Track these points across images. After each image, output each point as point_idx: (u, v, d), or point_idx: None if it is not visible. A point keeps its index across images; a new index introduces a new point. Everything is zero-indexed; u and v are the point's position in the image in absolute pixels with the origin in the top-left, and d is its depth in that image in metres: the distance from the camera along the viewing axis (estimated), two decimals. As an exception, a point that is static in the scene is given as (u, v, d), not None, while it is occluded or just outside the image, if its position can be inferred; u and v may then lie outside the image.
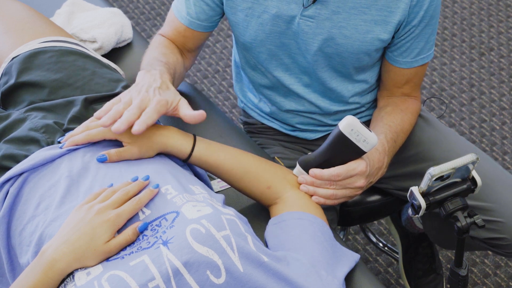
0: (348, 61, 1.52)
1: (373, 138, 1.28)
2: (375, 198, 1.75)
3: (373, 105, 1.69)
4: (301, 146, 1.74)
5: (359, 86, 1.61)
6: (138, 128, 1.20)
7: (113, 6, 1.97)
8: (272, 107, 1.68)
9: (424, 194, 1.24)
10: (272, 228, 1.29)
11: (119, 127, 1.20)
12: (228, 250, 1.10)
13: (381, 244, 2.20)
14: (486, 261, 2.22)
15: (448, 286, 1.51)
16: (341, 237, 2.04)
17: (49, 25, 1.58)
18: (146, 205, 1.16)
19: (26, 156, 1.28)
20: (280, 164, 1.43)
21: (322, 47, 1.49)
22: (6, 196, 1.25)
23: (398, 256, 2.05)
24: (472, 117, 2.65)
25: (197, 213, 1.13)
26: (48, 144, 1.30)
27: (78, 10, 1.86)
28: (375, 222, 2.31)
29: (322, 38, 1.47)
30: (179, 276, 1.07)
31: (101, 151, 1.26)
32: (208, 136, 1.42)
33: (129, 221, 1.14)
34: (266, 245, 1.27)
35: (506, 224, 1.53)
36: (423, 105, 1.75)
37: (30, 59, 1.45)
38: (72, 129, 1.32)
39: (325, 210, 1.35)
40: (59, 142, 1.30)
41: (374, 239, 2.21)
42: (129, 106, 1.23)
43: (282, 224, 1.28)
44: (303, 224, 1.26)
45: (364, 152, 1.30)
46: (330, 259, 1.21)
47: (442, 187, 1.25)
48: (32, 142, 1.31)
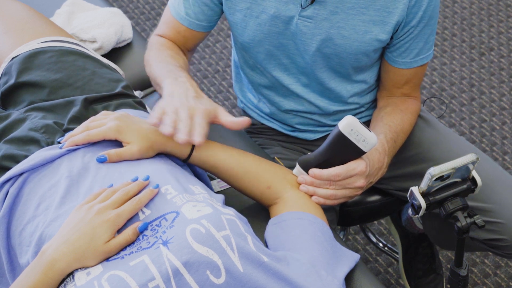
0: (346, 62, 1.52)
1: (373, 138, 1.28)
2: (375, 198, 1.75)
3: (373, 105, 1.69)
4: (300, 146, 1.74)
5: (358, 86, 1.61)
6: (200, 140, 1.22)
7: (113, 6, 1.97)
8: (272, 108, 1.68)
9: (424, 194, 1.24)
10: (272, 228, 1.29)
11: (182, 138, 1.22)
12: (228, 250, 1.10)
13: (381, 244, 2.20)
14: (486, 261, 2.22)
15: (448, 286, 1.51)
16: (341, 237, 2.04)
17: (49, 25, 1.58)
18: (146, 205, 1.16)
19: (26, 156, 1.28)
20: (280, 164, 1.43)
21: (321, 47, 1.49)
22: (6, 196, 1.25)
23: (398, 256, 2.05)
24: (472, 117, 2.65)
25: (197, 213, 1.13)
26: (48, 144, 1.30)
27: (78, 10, 1.86)
28: (375, 222, 2.31)
29: (320, 38, 1.47)
30: (179, 276, 1.07)
31: (101, 151, 1.26)
32: (208, 136, 1.42)
33: (129, 221, 1.14)
34: (266, 245, 1.27)
35: (506, 225, 1.53)
36: (423, 105, 1.75)
37: (30, 59, 1.45)
38: (72, 129, 1.32)
39: (325, 210, 1.35)
40: (59, 142, 1.30)
41: (374, 239, 2.21)
42: (177, 116, 1.24)
43: (282, 224, 1.28)
44: (303, 224, 1.26)
45: (364, 152, 1.30)
46: (330, 259, 1.21)
47: (442, 187, 1.25)
48: (32, 142, 1.31)
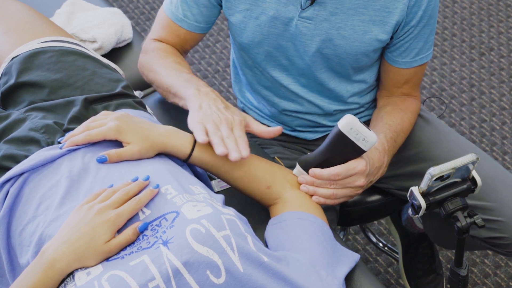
0: (346, 62, 1.52)
1: (373, 136, 1.28)
2: (375, 198, 1.75)
3: (373, 105, 1.69)
4: (300, 146, 1.74)
5: (358, 86, 1.61)
6: (247, 153, 1.26)
7: (113, 6, 1.97)
8: (271, 109, 1.68)
9: (424, 194, 1.24)
10: (272, 228, 1.29)
11: (237, 156, 1.24)
12: (228, 250, 1.10)
13: (381, 244, 2.20)
14: (486, 261, 2.22)
15: (448, 286, 1.51)
16: (341, 237, 2.04)
17: (49, 25, 1.58)
18: (146, 205, 1.16)
19: (26, 156, 1.28)
20: (280, 164, 1.43)
21: (320, 48, 1.49)
22: (6, 196, 1.25)
23: (398, 256, 2.05)
24: (472, 117, 2.65)
25: (197, 213, 1.13)
26: (48, 145, 1.30)
27: (78, 10, 1.86)
28: (375, 222, 2.31)
29: (320, 39, 1.47)
30: (179, 276, 1.07)
31: (101, 151, 1.26)
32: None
33: (129, 221, 1.14)
34: (266, 245, 1.27)
35: (506, 224, 1.53)
36: (423, 105, 1.75)
37: (30, 59, 1.45)
38: (72, 129, 1.32)
39: (325, 210, 1.35)
40: (59, 143, 1.30)
41: (374, 239, 2.21)
42: (220, 131, 1.28)
43: (282, 224, 1.28)
44: (303, 224, 1.26)
45: (364, 151, 1.30)
46: (330, 259, 1.21)
47: (442, 187, 1.25)
48: (32, 142, 1.31)
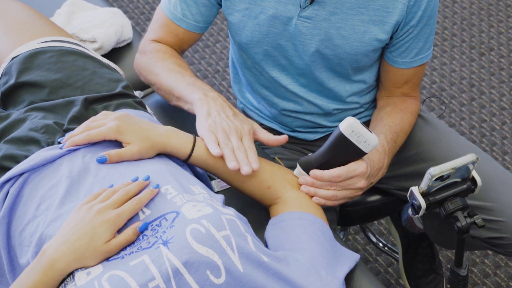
0: (346, 62, 1.52)
1: (374, 139, 1.28)
2: (375, 198, 1.75)
3: (373, 105, 1.69)
4: (300, 146, 1.74)
5: (357, 86, 1.61)
6: (257, 166, 1.28)
7: (113, 6, 1.97)
8: (271, 109, 1.68)
9: (424, 194, 1.24)
10: (272, 228, 1.29)
11: (249, 170, 1.26)
12: (228, 250, 1.10)
13: (381, 244, 2.20)
14: (486, 261, 2.22)
15: (448, 286, 1.51)
16: (341, 237, 2.04)
17: (49, 25, 1.58)
18: (146, 205, 1.16)
19: (27, 157, 1.28)
20: (280, 164, 1.43)
21: (320, 48, 1.49)
22: (7, 196, 1.25)
23: (398, 256, 2.05)
24: (472, 117, 2.65)
25: (197, 213, 1.13)
26: (48, 145, 1.30)
27: (78, 10, 1.86)
28: (375, 222, 2.31)
29: (320, 38, 1.47)
30: (179, 276, 1.07)
31: (101, 151, 1.26)
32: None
33: (129, 221, 1.14)
34: (266, 245, 1.27)
35: (506, 224, 1.53)
36: (422, 105, 1.75)
37: (30, 59, 1.45)
38: (72, 129, 1.32)
39: (325, 210, 1.35)
40: (59, 143, 1.30)
41: (374, 239, 2.21)
42: (230, 142, 1.30)
43: (282, 224, 1.28)
44: (303, 224, 1.26)
45: (365, 153, 1.30)
46: (330, 259, 1.21)
47: (442, 187, 1.25)
48: (32, 142, 1.31)
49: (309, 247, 1.21)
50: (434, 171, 1.20)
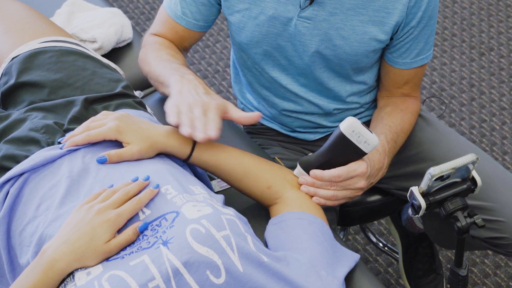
0: (346, 62, 1.52)
1: (374, 139, 1.28)
2: (375, 198, 1.75)
3: (373, 105, 1.69)
4: (301, 146, 1.74)
5: (357, 86, 1.61)
6: (215, 134, 1.23)
7: (113, 6, 1.97)
8: (272, 110, 1.68)
9: (424, 194, 1.24)
10: (272, 228, 1.29)
11: (204, 137, 1.22)
12: (228, 250, 1.10)
13: (381, 244, 2.20)
14: (486, 261, 2.22)
15: (448, 286, 1.51)
16: (341, 237, 2.04)
17: (49, 25, 1.58)
18: (146, 205, 1.16)
19: (27, 157, 1.28)
20: (280, 165, 1.43)
21: (320, 48, 1.49)
22: (7, 196, 1.25)
23: (398, 256, 2.05)
24: (472, 117, 2.65)
25: (197, 213, 1.13)
26: (48, 145, 1.30)
27: (78, 10, 1.86)
28: (375, 222, 2.31)
29: (320, 39, 1.47)
30: (179, 276, 1.07)
31: (101, 151, 1.26)
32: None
33: (129, 221, 1.14)
34: (266, 245, 1.27)
35: (507, 224, 1.53)
36: (423, 105, 1.75)
37: (30, 59, 1.45)
38: (72, 129, 1.32)
39: (325, 210, 1.35)
40: (59, 143, 1.30)
41: (374, 239, 2.21)
42: (192, 113, 1.25)
43: (282, 224, 1.28)
44: (303, 224, 1.26)
45: (365, 153, 1.30)
46: (330, 259, 1.21)
47: (442, 187, 1.25)
48: (33, 142, 1.31)
49: (309, 247, 1.21)
50: (434, 171, 1.20)
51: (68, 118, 1.35)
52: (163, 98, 1.55)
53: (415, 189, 1.24)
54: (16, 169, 1.25)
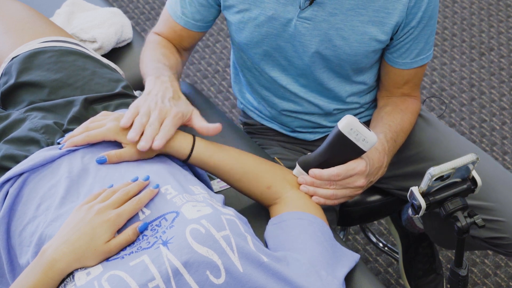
0: (346, 63, 1.51)
1: (373, 137, 1.28)
2: (375, 198, 1.75)
3: (373, 105, 1.69)
4: (300, 146, 1.74)
5: (357, 87, 1.61)
6: (158, 143, 1.24)
7: (113, 6, 1.97)
8: (271, 110, 1.68)
9: (424, 194, 1.24)
10: (272, 228, 1.29)
11: (145, 146, 1.23)
12: (227, 250, 1.10)
13: (381, 244, 2.20)
14: (486, 261, 2.22)
15: (448, 286, 1.51)
16: (341, 237, 2.04)
17: (49, 25, 1.58)
18: (146, 205, 1.16)
19: (26, 157, 1.28)
20: (280, 165, 1.43)
21: (320, 48, 1.49)
22: (6, 196, 1.25)
23: (398, 256, 2.05)
24: (472, 117, 2.65)
25: (197, 213, 1.13)
26: (48, 145, 1.30)
27: (78, 10, 1.86)
28: (375, 222, 2.31)
29: (319, 39, 1.47)
30: (178, 276, 1.06)
31: (100, 152, 1.26)
32: (208, 136, 1.42)
33: (129, 221, 1.14)
34: (266, 245, 1.27)
35: (507, 224, 1.53)
36: (423, 104, 1.75)
37: (30, 59, 1.45)
38: (72, 129, 1.32)
39: (325, 210, 1.35)
40: (58, 143, 1.30)
41: (374, 239, 2.21)
42: (148, 118, 1.26)
43: (282, 224, 1.28)
44: (303, 224, 1.26)
45: (364, 152, 1.30)
46: (330, 259, 1.21)
47: (442, 187, 1.25)
48: (32, 142, 1.31)
49: (309, 247, 1.21)
50: (434, 171, 1.20)
51: (67, 118, 1.35)
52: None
53: (415, 189, 1.24)
54: (15, 169, 1.25)
